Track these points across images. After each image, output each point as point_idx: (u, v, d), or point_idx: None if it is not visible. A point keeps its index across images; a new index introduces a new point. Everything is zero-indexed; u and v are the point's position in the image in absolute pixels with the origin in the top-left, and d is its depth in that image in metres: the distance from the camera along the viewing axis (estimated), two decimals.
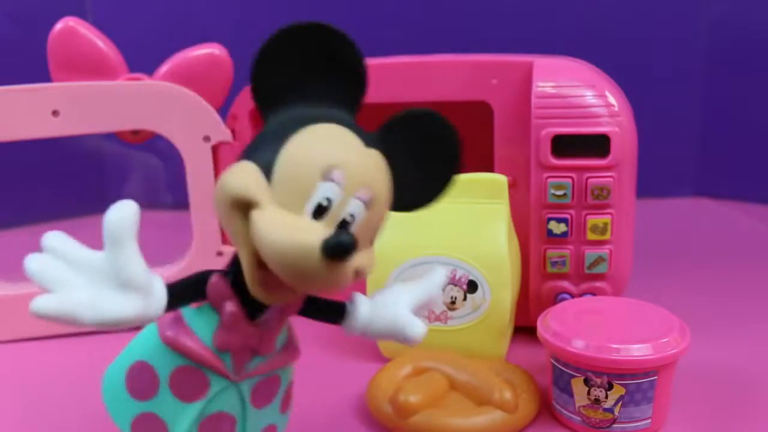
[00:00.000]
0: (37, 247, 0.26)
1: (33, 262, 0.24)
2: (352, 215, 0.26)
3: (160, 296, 0.26)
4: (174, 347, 0.28)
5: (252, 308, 0.28)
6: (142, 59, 0.58)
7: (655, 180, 0.86)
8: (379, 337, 0.31)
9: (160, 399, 0.29)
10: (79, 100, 0.50)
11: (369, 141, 0.27)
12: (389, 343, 0.47)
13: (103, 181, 0.90)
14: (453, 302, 0.45)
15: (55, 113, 0.50)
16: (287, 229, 0.24)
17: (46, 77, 0.54)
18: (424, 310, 0.31)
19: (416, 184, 0.30)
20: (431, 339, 0.45)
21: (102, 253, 0.25)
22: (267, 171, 0.25)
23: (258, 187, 0.25)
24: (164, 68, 0.57)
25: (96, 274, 0.24)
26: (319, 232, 0.24)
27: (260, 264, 0.26)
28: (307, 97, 0.27)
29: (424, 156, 0.30)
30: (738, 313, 0.55)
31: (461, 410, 0.39)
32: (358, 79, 0.28)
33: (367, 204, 0.26)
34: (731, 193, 0.94)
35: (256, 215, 0.25)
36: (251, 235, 0.25)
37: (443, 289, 0.32)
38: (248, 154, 0.26)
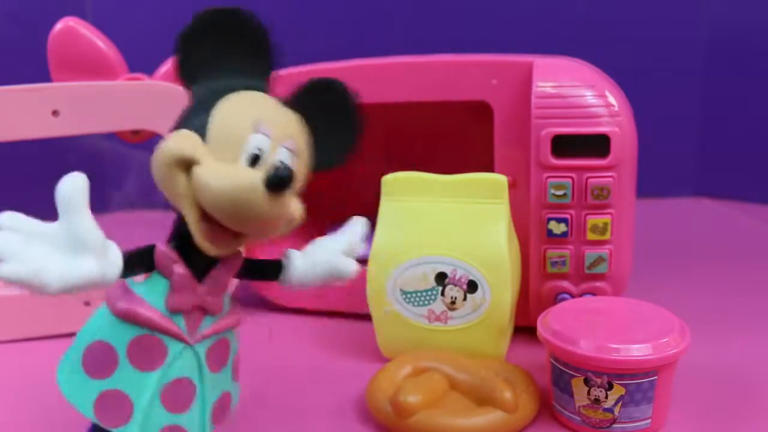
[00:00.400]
0: None
1: None
2: (282, 162, 0.29)
3: (115, 258, 0.28)
4: (128, 318, 0.30)
5: (197, 270, 0.30)
6: (142, 59, 0.58)
7: (655, 180, 0.86)
8: (316, 282, 0.34)
9: (120, 373, 0.30)
10: (79, 100, 0.50)
11: (284, 104, 0.31)
12: (389, 343, 0.47)
13: (103, 181, 0.90)
14: (453, 302, 0.45)
15: (55, 113, 0.50)
16: (230, 175, 0.27)
17: (46, 77, 0.54)
18: (350, 254, 0.35)
19: (326, 147, 0.33)
20: (431, 339, 0.46)
21: (57, 222, 0.26)
22: (201, 133, 0.28)
23: (196, 147, 0.28)
24: (164, 68, 0.57)
25: (54, 242, 0.26)
26: (258, 172, 0.28)
27: (204, 217, 0.29)
28: (226, 71, 0.30)
29: (328, 121, 0.34)
30: (738, 313, 0.55)
31: (461, 410, 0.39)
32: (267, 55, 0.31)
33: (294, 153, 0.30)
34: (731, 193, 0.94)
35: (198, 170, 0.27)
36: (195, 189, 0.28)
37: (363, 241, 0.36)
38: (181, 124, 0.29)
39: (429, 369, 0.42)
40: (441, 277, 0.45)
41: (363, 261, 0.47)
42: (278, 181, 0.27)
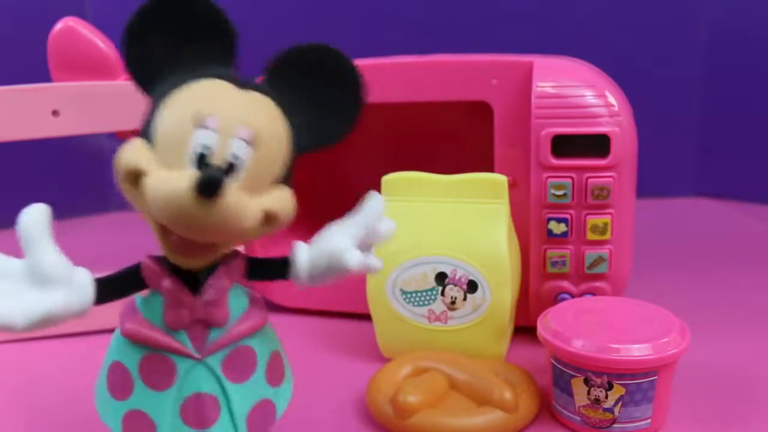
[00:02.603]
0: None
1: None
2: (236, 156, 0.26)
3: (83, 286, 0.26)
4: (134, 338, 0.29)
5: (195, 283, 0.29)
6: None
7: (655, 180, 0.86)
8: (324, 278, 0.30)
9: (137, 394, 0.29)
10: (79, 100, 0.50)
11: (244, 85, 0.28)
12: (389, 343, 0.47)
13: (103, 181, 0.90)
14: (453, 302, 0.45)
15: (55, 113, 0.50)
16: (161, 183, 0.25)
17: (46, 77, 0.54)
18: (372, 240, 0.31)
19: (322, 121, 0.30)
20: (431, 339, 0.46)
21: (23, 259, 0.25)
22: (149, 138, 0.26)
23: (140, 156, 0.26)
24: None
25: (18, 278, 0.25)
26: (190, 176, 0.24)
27: (167, 229, 0.27)
28: (182, 64, 0.28)
29: (320, 90, 0.30)
30: (738, 313, 0.55)
31: (461, 410, 0.39)
32: (226, 36, 0.28)
33: (251, 143, 0.26)
34: (731, 193, 0.94)
35: (144, 182, 0.25)
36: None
37: (383, 222, 0.31)
38: (139, 133, 0.27)
39: (429, 369, 0.42)
40: (441, 277, 0.45)
41: None
42: (206, 186, 0.24)
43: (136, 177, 0.26)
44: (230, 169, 0.26)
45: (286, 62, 0.30)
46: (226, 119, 0.26)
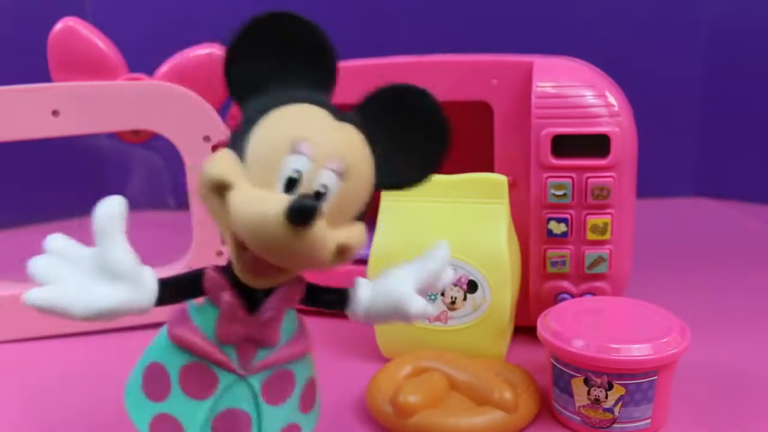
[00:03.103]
0: (37, 247, 0.26)
1: (34, 263, 0.25)
2: (324, 186, 0.26)
3: (149, 286, 0.26)
4: (180, 343, 0.29)
5: (252, 300, 0.28)
6: (142, 59, 0.58)
7: (655, 180, 0.86)
8: (383, 318, 0.30)
9: (173, 399, 0.29)
10: (79, 100, 0.50)
11: (341, 117, 0.27)
12: (389, 343, 0.47)
13: (103, 181, 0.90)
14: (453, 302, 0.45)
15: (55, 113, 0.50)
16: (253, 202, 0.25)
17: (46, 77, 0.54)
18: (432, 288, 0.31)
19: (404, 162, 0.30)
20: (431, 339, 0.46)
21: (93, 248, 0.26)
22: (240, 153, 0.26)
23: (230, 169, 0.25)
24: (164, 68, 0.57)
25: (87, 267, 0.25)
26: (283, 201, 0.24)
27: (243, 246, 0.26)
28: (280, 84, 0.27)
29: (408, 132, 0.30)
30: (738, 313, 0.55)
31: (461, 410, 0.39)
32: (327, 63, 0.28)
33: (340, 175, 0.26)
34: (731, 193, 0.94)
35: (230, 195, 0.25)
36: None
37: (446, 271, 0.31)
38: (227, 143, 0.27)
39: (429, 369, 0.42)
40: None
41: (363, 261, 0.48)
42: (300, 214, 0.24)
43: (221, 189, 0.25)
44: (317, 197, 0.26)
45: (380, 100, 0.29)
46: (320, 148, 0.26)
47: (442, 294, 0.45)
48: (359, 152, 0.27)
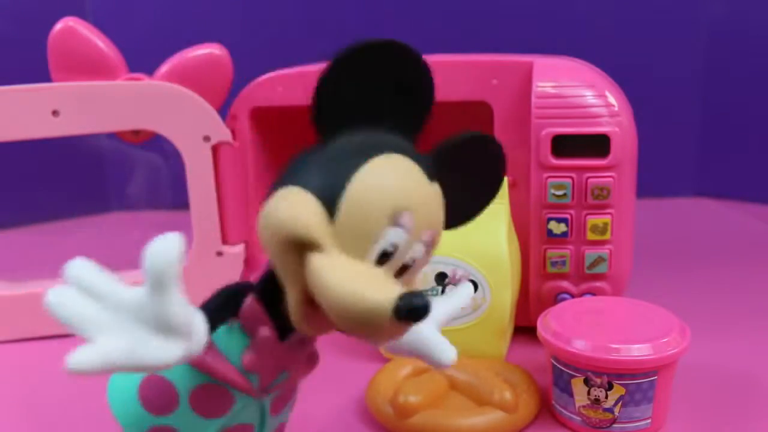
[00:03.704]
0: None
1: (57, 298, 0.21)
2: (413, 259, 0.25)
3: (201, 334, 0.24)
4: (200, 367, 0.27)
5: (282, 330, 0.27)
6: (142, 59, 0.58)
7: (655, 180, 0.86)
8: (406, 355, 0.30)
9: (179, 414, 0.28)
10: (79, 100, 0.50)
11: (430, 173, 0.25)
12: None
13: (103, 181, 0.90)
14: None
15: (55, 113, 0.50)
16: (355, 283, 0.22)
17: (46, 77, 0.54)
18: (450, 322, 0.31)
19: (462, 205, 0.29)
20: None
21: (140, 291, 0.22)
22: (329, 207, 0.23)
23: (320, 228, 0.23)
24: (164, 68, 0.57)
25: (134, 315, 0.22)
26: (390, 290, 0.22)
27: (308, 301, 0.24)
28: (369, 120, 0.25)
29: (473, 178, 0.29)
30: (738, 313, 0.55)
31: (461, 410, 0.39)
32: (426, 104, 0.26)
33: (429, 246, 0.25)
34: (731, 193, 0.94)
35: (317, 260, 0.23)
36: (309, 277, 0.23)
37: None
38: (298, 178, 0.24)
39: (429, 369, 0.42)
40: (441, 277, 0.45)
41: None
42: (412, 315, 0.22)
43: (303, 246, 0.23)
44: (403, 269, 0.25)
45: (453, 149, 0.28)
46: (419, 221, 0.24)
47: (443, 294, 0.45)
48: (442, 216, 0.26)
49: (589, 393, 0.37)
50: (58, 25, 0.55)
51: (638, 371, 0.36)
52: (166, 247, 0.21)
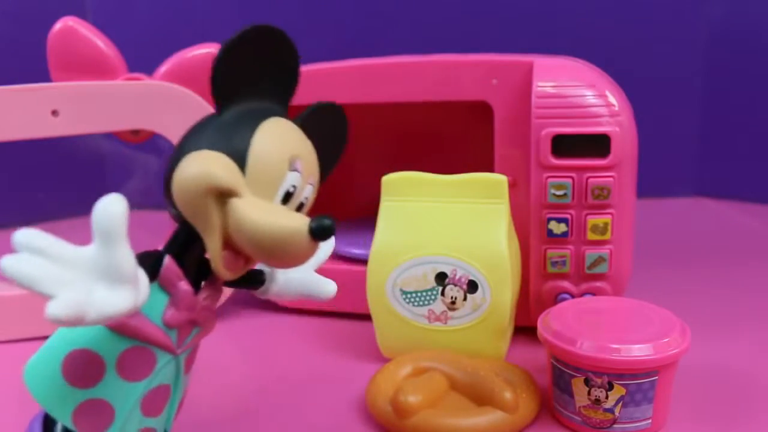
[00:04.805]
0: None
1: (13, 261, 0.22)
2: (306, 198, 0.31)
3: (146, 284, 0.27)
4: (123, 330, 0.29)
5: (193, 282, 0.30)
6: (142, 59, 0.58)
7: (655, 180, 0.86)
8: (292, 297, 0.35)
9: (105, 383, 0.29)
10: (79, 100, 0.50)
11: (307, 132, 0.31)
12: (389, 343, 0.47)
13: (103, 181, 0.90)
14: (453, 302, 0.45)
15: (55, 113, 0.50)
16: (274, 216, 0.28)
17: (46, 77, 0.54)
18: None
19: (320, 161, 0.34)
20: (431, 339, 0.46)
21: (91, 247, 0.24)
22: (238, 161, 0.28)
23: (236, 177, 0.27)
24: (164, 68, 0.57)
25: (87, 270, 0.24)
26: (301, 218, 0.28)
27: (226, 246, 0.29)
28: (256, 92, 0.30)
29: (326, 140, 0.34)
30: (738, 313, 0.55)
31: (461, 410, 0.39)
32: (294, 79, 0.31)
33: (314, 187, 0.31)
34: (731, 193, 0.94)
35: (238, 203, 0.27)
36: (231, 222, 0.28)
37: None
38: (202, 143, 0.28)
39: (429, 369, 0.42)
40: (441, 277, 0.45)
41: (363, 261, 0.48)
42: (323, 233, 0.28)
43: (223, 195, 0.27)
44: (300, 208, 0.30)
45: (314, 114, 0.34)
46: (307, 166, 0.30)
47: (443, 294, 0.45)
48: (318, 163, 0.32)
49: (589, 393, 0.37)
50: (58, 25, 0.55)
51: (639, 371, 0.36)
52: (111, 203, 0.24)
